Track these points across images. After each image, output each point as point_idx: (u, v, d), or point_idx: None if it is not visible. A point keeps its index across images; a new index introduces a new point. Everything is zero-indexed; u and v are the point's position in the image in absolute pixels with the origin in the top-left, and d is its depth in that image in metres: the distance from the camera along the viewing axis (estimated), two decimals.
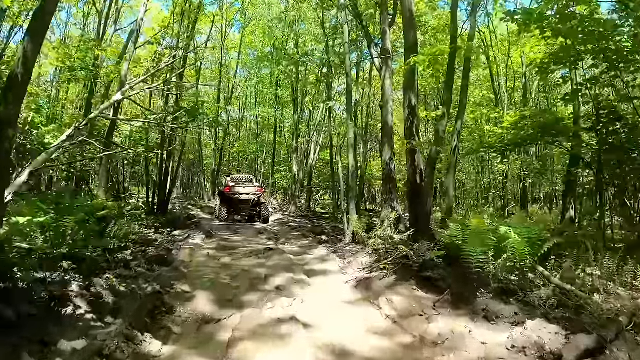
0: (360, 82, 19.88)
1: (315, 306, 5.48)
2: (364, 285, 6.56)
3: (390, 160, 12.48)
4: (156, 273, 6.57)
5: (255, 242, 10.64)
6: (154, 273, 6.54)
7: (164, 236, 10.87)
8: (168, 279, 6.32)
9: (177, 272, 6.86)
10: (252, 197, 16.17)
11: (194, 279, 6.56)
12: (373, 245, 8.37)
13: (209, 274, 6.91)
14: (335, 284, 6.92)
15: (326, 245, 10.20)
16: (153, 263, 7.05)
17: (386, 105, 12.84)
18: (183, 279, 6.47)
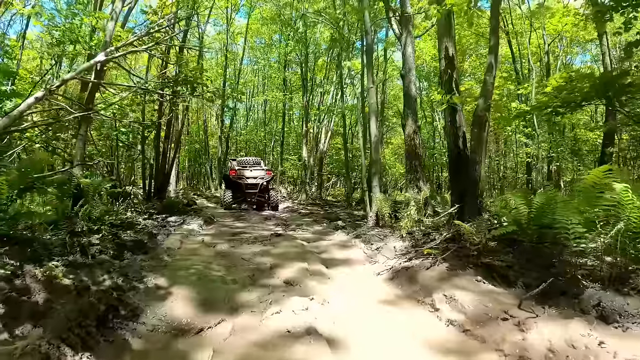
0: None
1: (341, 310, 3.74)
2: (404, 277, 4.79)
3: (415, 134, 10.68)
4: (125, 262, 4.83)
5: (261, 228, 8.89)
6: (122, 261, 4.80)
7: (157, 222, 9.21)
8: (139, 270, 4.58)
9: (155, 262, 5.12)
10: (260, 182, 14.31)
11: (177, 270, 4.81)
12: (406, 227, 6.57)
13: (198, 264, 5.15)
14: (364, 276, 5.16)
15: (344, 231, 8.44)
16: (126, 249, 5.31)
17: (408, 74, 11.04)
18: (161, 270, 4.72)
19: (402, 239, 6.35)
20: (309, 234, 8.36)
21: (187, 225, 8.51)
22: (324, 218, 11.28)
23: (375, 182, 7.99)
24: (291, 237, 7.23)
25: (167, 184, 13.15)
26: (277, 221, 10.35)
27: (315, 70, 23.79)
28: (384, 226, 7.74)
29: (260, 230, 8.46)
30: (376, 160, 8.05)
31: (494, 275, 4.55)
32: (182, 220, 9.33)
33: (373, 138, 7.96)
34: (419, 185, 10.37)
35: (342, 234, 7.99)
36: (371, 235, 6.89)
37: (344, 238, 7.38)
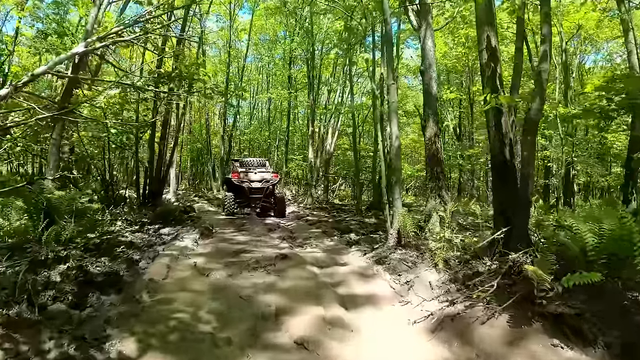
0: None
1: None
2: (452, 332, 3.61)
3: (437, 137, 9.52)
4: (87, 311, 3.65)
5: (265, 244, 7.70)
6: (83, 311, 3.62)
7: (147, 235, 8.07)
8: (103, 325, 3.40)
9: (129, 306, 3.94)
10: (265, 185, 12.90)
11: (154, 322, 3.62)
12: (440, 253, 5.35)
13: (184, 308, 3.97)
14: (396, 324, 3.97)
15: (360, 249, 7.24)
16: (93, 288, 4.13)
17: (428, 70, 9.87)
18: (133, 324, 3.53)
19: (437, 269, 5.14)
20: (319, 252, 7.15)
21: (180, 241, 7.34)
22: (334, 229, 10.08)
23: (397, 193, 6.79)
24: (300, 260, 6.02)
25: (163, 188, 11.99)
26: (282, 233, 9.15)
27: (322, 68, 22.53)
28: (407, 246, 6.53)
29: (264, 247, 7.26)
30: (397, 168, 6.85)
31: (565, 331, 3.46)
32: (176, 233, 8.18)
33: (394, 142, 6.76)
34: (442, 195, 9.22)
35: (358, 254, 6.79)
36: (396, 261, 5.67)
37: (362, 262, 6.16)
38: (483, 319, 3.67)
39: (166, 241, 7.42)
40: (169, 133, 12.01)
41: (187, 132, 29.85)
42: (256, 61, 31.55)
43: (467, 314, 3.81)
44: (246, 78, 28.36)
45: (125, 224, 9.25)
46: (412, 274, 5.13)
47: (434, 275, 4.98)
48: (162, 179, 11.54)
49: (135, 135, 11.17)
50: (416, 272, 5.15)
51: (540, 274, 3.71)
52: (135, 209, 10.51)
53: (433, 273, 5.06)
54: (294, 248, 7.40)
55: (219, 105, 27.47)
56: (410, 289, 4.73)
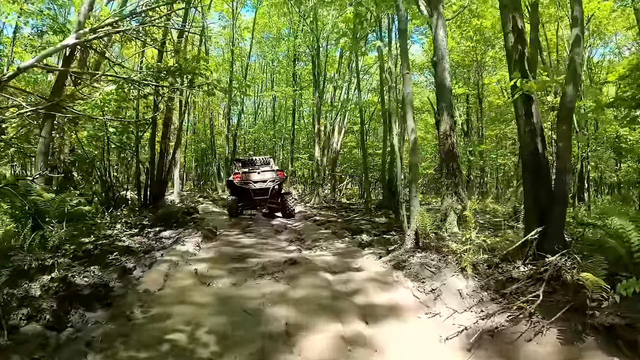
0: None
1: None
2: (492, 350, 3.07)
3: (452, 131, 8.96)
4: (67, 333, 3.11)
5: (272, 247, 7.16)
6: (62, 333, 3.08)
7: (146, 239, 7.55)
8: (81, 351, 2.87)
9: (117, 324, 3.41)
10: (270, 186, 11.88)
11: (143, 345, 3.07)
12: (467, 257, 4.78)
13: (180, 327, 3.42)
14: (426, 340, 3.41)
15: (374, 251, 6.66)
16: (77, 304, 3.60)
17: (441, 61, 9.32)
18: (116, 349, 2.99)
19: (464, 274, 4.57)
20: (330, 255, 6.59)
21: (181, 245, 6.79)
22: (344, 229, 9.51)
23: (414, 190, 6.22)
24: (310, 265, 5.46)
25: (165, 189, 11.46)
26: (289, 235, 8.59)
27: (327, 65, 21.94)
28: (426, 248, 5.96)
29: (271, 251, 6.72)
30: (414, 164, 6.27)
31: (618, 344, 2.90)
32: (177, 237, 7.63)
33: (411, 135, 6.18)
34: (459, 193, 8.66)
35: (372, 258, 6.21)
36: (417, 266, 5.09)
37: (379, 267, 5.58)
38: (529, 334, 3.11)
39: (166, 245, 6.88)
40: (171, 132, 11.44)
41: (192, 133, 29.42)
42: (260, 60, 31.03)
43: (509, 329, 3.25)
44: (250, 77, 27.79)
45: (124, 227, 8.78)
46: (437, 280, 4.56)
47: (462, 282, 4.41)
48: (164, 179, 11.03)
49: (136, 135, 10.65)
50: (441, 279, 4.58)
51: (597, 281, 3.14)
52: (135, 211, 10.00)
53: (461, 279, 4.49)
54: (303, 251, 6.84)
55: (223, 104, 26.99)
56: (437, 299, 4.16)
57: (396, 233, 8.82)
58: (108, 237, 7.48)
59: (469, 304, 3.93)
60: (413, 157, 6.36)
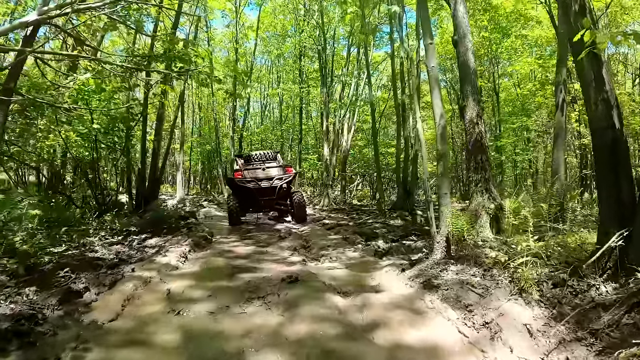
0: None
1: None
2: None
3: (479, 118, 7.69)
4: None
5: (271, 258, 5.91)
6: None
7: (128, 248, 6.40)
8: None
9: None
10: (277, 184, 10.12)
11: None
12: (526, 273, 3.48)
13: None
14: None
15: (394, 262, 5.40)
16: None
17: (463, 40, 8.07)
18: None
19: (524, 297, 3.28)
20: (340, 268, 5.31)
21: (162, 256, 5.58)
22: (356, 234, 8.24)
23: (445, 186, 4.95)
24: (315, 284, 4.20)
25: (157, 191, 10.28)
26: (294, 242, 7.32)
27: (334, 63, 20.75)
28: (461, 259, 4.68)
29: (270, 263, 5.46)
30: (444, 154, 4.99)
31: None
32: (161, 246, 6.42)
33: (439, 121, 4.90)
34: (490, 189, 7.37)
35: (393, 271, 4.93)
36: (456, 285, 3.80)
37: (403, 285, 4.28)
38: None
39: (145, 256, 5.68)
40: (165, 129, 10.23)
41: (198, 135, 28.37)
42: (265, 61, 29.94)
43: None
44: (255, 76, 26.65)
45: (108, 233, 7.65)
46: (489, 307, 3.27)
47: (525, 310, 3.12)
48: (157, 180, 9.86)
49: (126, 132, 9.48)
50: (494, 305, 3.29)
51: None
52: (123, 216, 8.84)
53: (522, 306, 3.20)
54: (308, 263, 5.58)
55: (229, 106, 25.86)
56: (494, 337, 2.87)
57: (417, 238, 7.54)
58: (82, 246, 6.35)
59: (546, 347, 2.64)
60: (442, 145, 5.07)
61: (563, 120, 9.74)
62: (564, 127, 9.93)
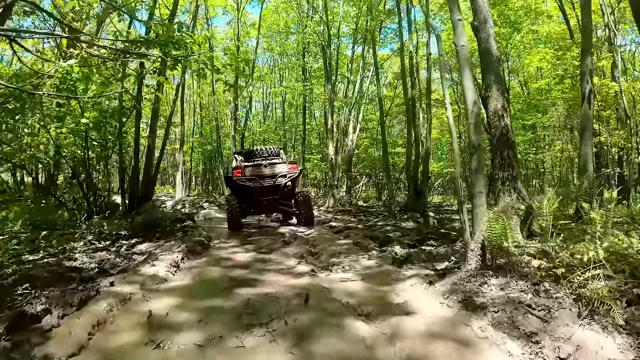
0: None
1: None
2: None
3: (505, 111, 6.96)
4: None
5: (275, 267, 5.12)
6: None
7: (115, 255, 5.67)
8: None
9: None
10: (281, 182, 9.12)
11: None
12: (601, 290, 2.69)
13: None
14: None
15: (418, 273, 4.61)
16: None
17: (484, 26, 7.35)
18: None
19: (597, 319, 2.49)
20: (356, 279, 4.51)
21: (149, 266, 4.79)
22: (367, 237, 7.45)
23: (480, 184, 4.16)
24: (330, 304, 3.42)
25: (152, 191, 9.49)
26: (300, 247, 6.51)
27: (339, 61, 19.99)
28: (500, 269, 3.89)
29: (274, 274, 4.67)
30: (479, 146, 4.20)
31: None
32: (150, 253, 5.65)
33: (472, 108, 4.12)
34: (518, 188, 6.59)
35: (420, 284, 4.14)
36: (507, 305, 3.02)
37: (436, 303, 3.48)
38: None
39: (130, 266, 4.91)
40: (159, 125, 9.44)
41: (199, 135, 27.62)
42: (267, 56, 29.18)
43: None
44: (257, 74, 25.86)
45: (96, 237, 6.92)
46: (559, 336, 2.47)
47: (606, 340, 2.35)
48: (151, 180, 9.08)
49: (119, 127, 8.72)
50: (564, 332, 2.50)
51: None
52: (113, 218, 8.08)
53: (599, 333, 2.46)
54: (318, 273, 4.78)
55: (231, 106, 25.07)
56: None
57: (436, 243, 6.75)
58: (61, 253, 5.60)
59: None
60: (476, 136, 4.28)
61: (590, 113, 8.93)
62: (591, 120, 9.14)
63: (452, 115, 4.70)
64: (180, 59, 6.60)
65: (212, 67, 6.95)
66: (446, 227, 9.99)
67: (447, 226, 10.19)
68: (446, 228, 9.67)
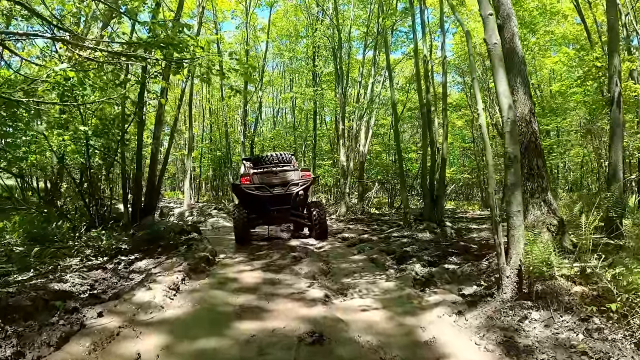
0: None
1: None
2: None
3: (532, 116, 6.40)
4: None
5: (286, 290, 4.63)
6: None
7: (111, 273, 5.27)
8: None
9: None
10: (293, 191, 8.46)
11: None
12: None
13: None
14: None
15: (445, 300, 4.10)
16: None
17: (507, 23, 6.77)
18: None
19: None
20: (376, 308, 3.99)
21: (145, 290, 4.32)
22: (383, 252, 6.95)
23: (516, 201, 3.62)
24: (347, 345, 2.92)
25: (156, 201, 9.05)
26: (312, 264, 5.96)
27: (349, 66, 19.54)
28: (540, 298, 3.36)
29: (283, 300, 4.18)
30: (515, 157, 3.65)
31: None
32: (149, 273, 5.19)
33: (507, 113, 3.59)
34: (549, 201, 6.03)
35: (448, 316, 3.63)
36: (557, 348, 2.51)
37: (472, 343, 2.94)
38: None
39: (124, 289, 4.45)
40: (164, 133, 8.99)
41: (209, 141, 27.35)
42: (277, 62, 28.85)
43: None
44: (267, 79, 25.49)
45: (94, 252, 6.52)
46: None
47: None
48: (155, 190, 8.65)
49: (121, 136, 8.31)
50: None
51: None
52: (112, 230, 7.65)
53: None
54: (333, 299, 4.27)
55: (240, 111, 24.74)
56: None
57: (459, 260, 6.21)
58: (52, 272, 5.18)
59: None
60: (513, 146, 3.75)
61: (620, 117, 8.34)
62: (621, 125, 8.53)
63: (482, 123, 4.17)
64: (183, 62, 6.20)
65: (217, 72, 6.53)
66: (465, 238, 9.44)
67: (465, 237, 9.64)
68: (465, 240, 9.11)
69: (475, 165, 22.30)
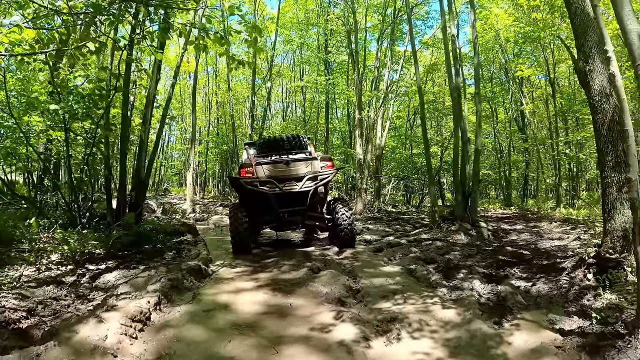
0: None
1: None
2: None
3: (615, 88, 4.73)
4: None
5: (299, 326, 3.15)
6: None
7: (67, 290, 3.85)
8: None
9: None
10: (309, 186, 6.40)
11: None
12: None
13: None
14: None
15: (542, 342, 2.63)
16: None
17: None
18: None
19: None
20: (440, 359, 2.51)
21: (96, 321, 2.86)
22: (420, 260, 5.45)
23: None
24: None
25: (143, 196, 7.51)
26: (334, 282, 4.36)
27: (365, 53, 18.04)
28: None
29: (293, 349, 2.70)
30: None
31: None
32: (113, 292, 3.75)
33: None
34: None
35: None
36: None
37: None
38: None
39: (69, 318, 3.01)
40: (150, 111, 7.42)
41: (216, 134, 25.99)
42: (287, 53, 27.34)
43: None
44: (276, 70, 23.99)
45: (59, 258, 5.11)
46: None
47: None
48: (142, 183, 7.18)
49: (106, 117, 6.82)
50: None
51: None
52: (98, 230, 6.22)
53: None
54: (372, 340, 2.79)
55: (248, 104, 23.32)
56: None
57: (523, 273, 4.68)
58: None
59: None
60: None
61: None
62: None
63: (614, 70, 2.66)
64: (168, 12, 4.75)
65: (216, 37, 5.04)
66: (505, 241, 7.97)
67: (505, 240, 8.17)
68: (507, 243, 7.65)
69: (495, 161, 20.74)
